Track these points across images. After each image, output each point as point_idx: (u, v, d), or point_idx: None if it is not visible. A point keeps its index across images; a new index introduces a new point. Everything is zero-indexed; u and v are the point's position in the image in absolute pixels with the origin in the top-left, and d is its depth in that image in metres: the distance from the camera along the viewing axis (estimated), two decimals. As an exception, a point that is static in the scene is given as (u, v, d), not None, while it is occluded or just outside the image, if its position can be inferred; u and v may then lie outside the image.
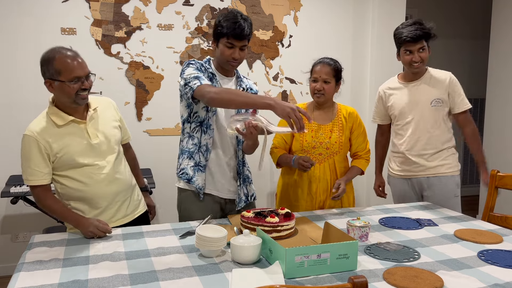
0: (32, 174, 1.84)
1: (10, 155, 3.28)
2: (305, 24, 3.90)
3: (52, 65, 1.78)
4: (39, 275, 1.44)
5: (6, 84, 3.24)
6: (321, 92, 2.29)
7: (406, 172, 2.57)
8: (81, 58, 1.84)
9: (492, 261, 1.57)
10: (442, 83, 2.46)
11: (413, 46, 2.39)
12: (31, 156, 1.82)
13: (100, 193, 1.93)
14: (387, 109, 2.63)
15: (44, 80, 1.83)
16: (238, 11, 2.07)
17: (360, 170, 2.42)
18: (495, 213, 2.29)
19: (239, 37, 2.02)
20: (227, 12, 2.07)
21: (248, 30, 2.04)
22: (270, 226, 1.75)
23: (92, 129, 1.92)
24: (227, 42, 2.03)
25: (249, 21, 2.07)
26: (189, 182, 2.13)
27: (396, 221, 2.07)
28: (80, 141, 1.88)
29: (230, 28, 2.00)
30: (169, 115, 3.61)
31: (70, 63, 1.79)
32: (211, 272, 1.46)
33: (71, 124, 1.87)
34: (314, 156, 2.34)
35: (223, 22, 2.02)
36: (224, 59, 2.08)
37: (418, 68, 2.45)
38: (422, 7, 5.32)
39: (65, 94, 1.81)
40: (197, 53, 3.62)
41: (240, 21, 2.01)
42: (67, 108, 1.87)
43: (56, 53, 1.79)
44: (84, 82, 1.82)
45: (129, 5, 3.42)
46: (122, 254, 1.62)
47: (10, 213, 3.34)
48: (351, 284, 1.03)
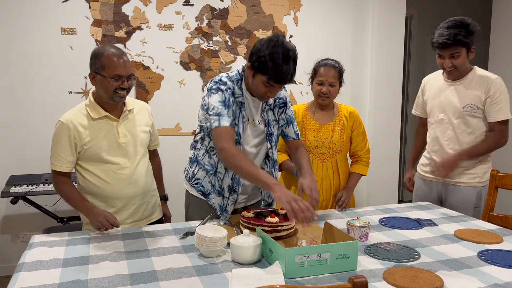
0: (56, 160, 1.92)
1: (10, 155, 3.28)
2: (305, 24, 3.90)
3: (99, 60, 1.87)
4: (39, 275, 1.44)
5: (6, 84, 3.24)
6: (327, 95, 2.28)
7: (428, 173, 2.50)
8: (128, 59, 1.92)
9: (492, 261, 1.57)
10: (482, 88, 2.27)
11: (444, 52, 2.24)
12: (60, 142, 1.90)
13: (117, 193, 1.98)
14: (424, 102, 2.53)
15: (90, 72, 1.92)
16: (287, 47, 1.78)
17: (360, 176, 2.42)
18: (495, 213, 2.29)
19: (281, 82, 1.82)
20: (274, 44, 1.78)
21: (291, 76, 1.81)
22: (270, 226, 1.74)
23: (122, 128, 1.99)
24: (266, 82, 1.82)
25: (295, 60, 1.81)
26: (205, 196, 2.07)
27: (396, 221, 2.06)
28: (108, 138, 1.95)
29: (275, 73, 1.78)
30: (169, 115, 3.61)
31: (116, 61, 1.87)
32: (211, 272, 1.46)
33: (104, 120, 1.95)
34: (317, 156, 2.34)
35: (269, 60, 1.76)
36: (257, 93, 1.90)
37: (451, 73, 2.32)
38: (422, 7, 5.32)
39: (104, 89, 1.89)
40: (197, 53, 3.62)
41: (289, 65, 1.77)
42: (105, 104, 1.95)
43: (105, 50, 1.89)
44: (124, 81, 1.89)
45: (129, 5, 3.42)
46: (122, 254, 1.62)
47: (10, 213, 3.34)
48: (351, 284, 1.03)
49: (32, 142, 3.31)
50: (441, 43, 2.21)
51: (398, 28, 4.02)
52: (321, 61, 2.33)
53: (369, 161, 2.44)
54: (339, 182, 2.38)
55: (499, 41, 4.29)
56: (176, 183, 3.35)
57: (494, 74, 2.31)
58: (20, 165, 3.29)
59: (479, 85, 2.29)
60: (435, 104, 2.43)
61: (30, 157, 3.30)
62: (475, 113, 2.30)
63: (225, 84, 1.91)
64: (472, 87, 2.30)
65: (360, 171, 2.40)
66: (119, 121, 1.98)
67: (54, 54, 3.30)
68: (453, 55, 2.24)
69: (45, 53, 3.28)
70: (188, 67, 3.62)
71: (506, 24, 4.22)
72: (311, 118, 2.36)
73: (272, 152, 2.07)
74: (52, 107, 3.32)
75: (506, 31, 4.21)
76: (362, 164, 2.41)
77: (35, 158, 3.30)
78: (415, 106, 2.64)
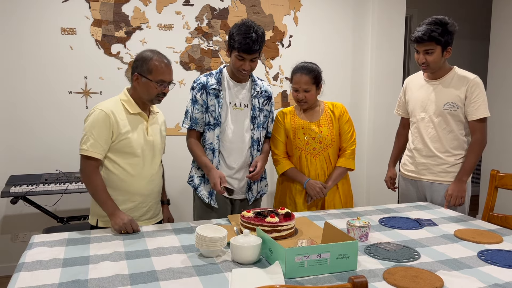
0: (93, 146, 1.95)
1: (10, 155, 3.28)
2: (305, 24, 3.90)
3: (147, 64, 1.99)
4: (39, 275, 1.44)
5: (6, 84, 3.24)
6: (304, 100, 2.34)
7: (412, 173, 2.53)
8: (171, 67, 2.05)
9: (492, 261, 1.57)
10: (461, 86, 2.33)
11: (419, 47, 2.32)
12: (99, 128, 1.95)
13: (140, 189, 2.06)
14: (406, 102, 2.57)
15: (134, 73, 2.03)
16: (251, 24, 2.16)
17: (345, 170, 2.41)
18: (495, 213, 2.29)
19: (249, 52, 2.14)
20: (240, 24, 2.16)
21: (257, 46, 2.14)
22: (270, 226, 1.75)
23: (150, 128, 2.10)
24: (238, 55, 2.16)
25: (260, 33, 2.15)
26: (196, 190, 2.36)
27: (396, 221, 2.07)
28: (140, 133, 2.05)
29: (241, 43, 2.11)
30: (169, 115, 3.59)
31: (163, 67, 2.00)
32: (211, 272, 1.46)
33: (137, 116, 2.06)
34: (309, 152, 2.36)
35: (235, 36, 2.14)
36: (235, 69, 2.23)
37: (426, 70, 2.38)
38: (422, 7, 5.32)
39: (147, 92, 2.01)
40: (197, 53, 3.62)
41: (251, 35, 2.11)
42: (140, 102, 2.07)
43: (155, 55, 2.01)
44: (166, 87, 2.02)
45: (129, 5, 3.42)
46: (122, 254, 1.62)
47: (10, 213, 3.34)
48: (351, 284, 1.03)
49: (32, 142, 3.31)
50: (416, 37, 2.30)
51: (398, 28, 4.02)
52: (295, 67, 2.38)
53: (354, 152, 2.43)
54: None
55: (499, 41, 4.29)
56: (175, 183, 3.35)
57: (472, 74, 2.36)
58: (20, 165, 3.29)
59: (458, 84, 2.34)
60: (416, 104, 2.48)
61: (30, 157, 3.30)
62: (454, 112, 2.34)
63: (196, 82, 2.31)
64: (452, 86, 2.36)
65: (343, 164, 2.40)
66: (149, 120, 2.09)
67: (54, 54, 3.30)
68: (427, 51, 2.30)
69: (45, 53, 3.28)
70: (188, 67, 3.62)
71: (506, 24, 4.22)
72: (299, 117, 2.42)
73: (253, 133, 2.34)
74: (52, 107, 3.32)
75: (506, 31, 4.21)
76: (345, 157, 2.41)
77: (35, 158, 3.30)
78: (397, 106, 2.69)
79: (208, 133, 2.30)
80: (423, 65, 2.34)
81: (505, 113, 4.22)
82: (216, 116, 2.26)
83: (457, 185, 2.35)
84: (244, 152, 2.32)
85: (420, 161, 2.47)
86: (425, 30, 2.27)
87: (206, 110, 2.28)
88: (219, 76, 2.30)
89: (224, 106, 2.28)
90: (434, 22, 2.28)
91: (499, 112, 4.28)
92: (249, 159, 2.33)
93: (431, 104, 2.40)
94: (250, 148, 2.33)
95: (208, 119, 2.28)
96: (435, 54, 2.29)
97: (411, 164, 2.53)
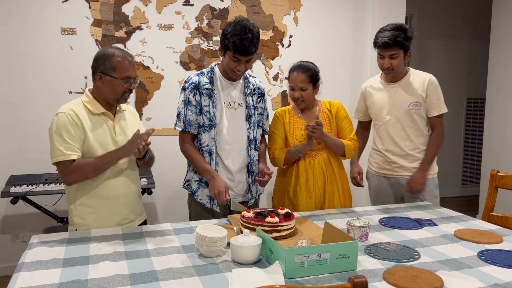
0: (68, 149, 1.85)
1: (10, 155, 3.28)
2: (305, 24, 3.90)
3: (109, 61, 1.88)
4: (39, 275, 1.44)
5: (6, 84, 3.24)
6: (300, 99, 2.33)
7: (385, 170, 2.60)
8: (134, 62, 1.95)
9: (492, 261, 1.57)
10: (420, 86, 2.47)
11: (385, 52, 2.40)
12: (67, 130, 1.86)
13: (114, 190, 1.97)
14: (367, 107, 2.66)
15: (96, 73, 1.91)
16: (246, 23, 2.08)
17: (343, 144, 2.33)
18: (495, 213, 2.30)
19: (245, 54, 2.08)
20: (235, 23, 2.08)
21: (254, 48, 2.08)
22: (270, 226, 1.75)
23: (117, 126, 2.00)
24: (233, 56, 2.09)
25: (255, 34, 2.09)
26: (194, 195, 2.29)
27: (396, 221, 2.07)
28: (106, 134, 1.95)
29: (237, 45, 2.05)
30: (169, 115, 3.61)
31: (127, 63, 1.90)
32: (211, 272, 1.46)
33: (102, 116, 1.96)
34: (307, 153, 2.35)
35: (230, 36, 2.06)
36: (229, 70, 2.17)
37: (389, 74, 2.47)
38: (422, 7, 5.32)
39: (113, 90, 1.91)
40: (197, 53, 3.62)
41: (247, 36, 2.04)
42: (104, 103, 1.96)
43: (115, 51, 1.90)
44: (132, 84, 1.93)
45: (129, 5, 3.42)
46: (122, 254, 1.62)
47: (10, 213, 3.34)
48: (351, 284, 1.03)
49: (32, 142, 3.31)
50: (383, 43, 2.38)
51: (398, 28, 4.01)
52: (292, 66, 2.37)
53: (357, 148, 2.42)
54: (334, 177, 2.39)
55: (499, 41, 4.29)
56: (175, 183, 3.35)
57: (428, 74, 2.52)
58: (20, 165, 3.29)
59: (418, 84, 2.48)
60: (380, 107, 2.56)
61: (30, 157, 3.30)
62: (419, 110, 2.48)
63: (188, 81, 2.22)
64: (412, 86, 2.49)
65: (346, 142, 2.34)
66: (115, 120, 2.00)
67: (54, 54, 3.30)
68: (392, 56, 2.40)
69: (45, 53, 3.28)
70: (188, 67, 3.62)
71: (506, 24, 4.22)
72: (297, 117, 2.41)
73: (249, 132, 2.28)
74: (52, 107, 3.31)
75: (506, 31, 4.21)
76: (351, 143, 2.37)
77: (35, 158, 3.30)
78: (356, 111, 2.78)
79: (204, 135, 2.21)
80: (387, 69, 2.44)
81: (505, 113, 4.22)
82: (211, 117, 2.19)
83: (420, 173, 2.49)
84: (242, 152, 2.27)
85: (393, 160, 2.55)
86: (390, 36, 2.36)
87: (200, 111, 2.20)
88: (211, 75, 2.23)
89: (219, 106, 2.22)
90: (396, 28, 2.39)
91: (499, 112, 4.28)
92: (247, 159, 2.30)
93: (396, 106, 2.50)
94: (248, 148, 2.29)
95: (203, 120, 2.20)
96: (399, 58, 2.41)
97: (383, 163, 2.60)
